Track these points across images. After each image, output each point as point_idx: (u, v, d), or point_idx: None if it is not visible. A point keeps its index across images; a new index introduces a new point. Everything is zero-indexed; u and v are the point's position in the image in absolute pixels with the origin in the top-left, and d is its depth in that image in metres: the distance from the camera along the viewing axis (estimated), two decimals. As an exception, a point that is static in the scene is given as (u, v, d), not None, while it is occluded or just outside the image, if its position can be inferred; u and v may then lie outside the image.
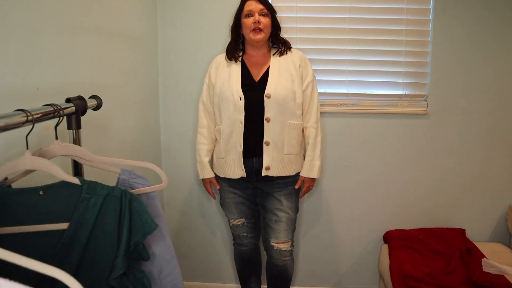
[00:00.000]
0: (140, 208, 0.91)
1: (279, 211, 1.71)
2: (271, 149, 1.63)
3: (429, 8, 2.00)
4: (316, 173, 1.71)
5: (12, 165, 0.82)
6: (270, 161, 1.64)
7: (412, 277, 1.65)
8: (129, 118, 1.77)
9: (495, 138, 2.06)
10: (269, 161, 1.64)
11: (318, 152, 1.70)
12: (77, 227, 0.86)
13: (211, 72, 1.74)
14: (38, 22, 1.08)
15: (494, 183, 2.09)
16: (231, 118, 1.63)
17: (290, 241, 1.76)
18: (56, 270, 0.46)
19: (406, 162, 2.11)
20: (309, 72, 1.70)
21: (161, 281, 1.03)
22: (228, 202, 1.79)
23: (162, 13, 2.07)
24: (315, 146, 1.70)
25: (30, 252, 0.83)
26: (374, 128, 2.09)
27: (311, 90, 1.69)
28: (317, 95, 1.74)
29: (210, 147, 1.76)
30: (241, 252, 1.91)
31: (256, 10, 1.60)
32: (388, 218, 2.16)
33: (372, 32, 2.03)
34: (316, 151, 1.70)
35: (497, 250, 1.96)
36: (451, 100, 2.04)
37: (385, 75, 2.07)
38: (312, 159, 1.70)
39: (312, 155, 1.70)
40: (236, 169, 1.68)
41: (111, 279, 0.87)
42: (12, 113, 0.76)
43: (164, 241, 1.04)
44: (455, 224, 2.11)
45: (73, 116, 1.00)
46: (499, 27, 1.96)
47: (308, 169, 1.71)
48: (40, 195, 0.85)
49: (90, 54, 1.39)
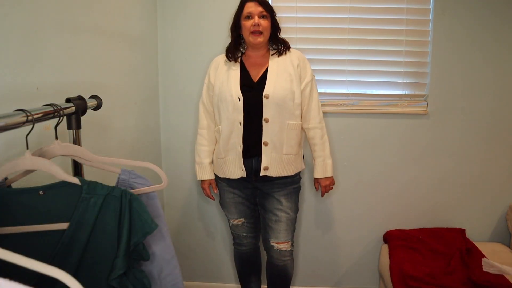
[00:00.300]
0: (140, 208, 0.91)
1: (279, 211, 1.71)
2: (269, 150, 1.63)
3: (429, 8, 2.00)
4: (330, 172, 1.74)
5: (12, 165, 0.82)
6: (269, 162, 1.64)
7: (412, 277, 1.65)
8: (129, 118, 1.77)
9: (495, 138, 2.06)
10: (268, 161, 1.64)
11: (327, 151, 1.73)
12: (77, 227, 0.86)
13: (210, 72, 1.74)
14: (38, 22, 1.08)
15: (494, 183, 2.09)
16: (230, 118, 1.63)
17: (290, 241, 1.75)
18: (56, 270, 0.46)
19: (406, 162, 2.11)
20: (308, 72, 1.70)
21: (161, 281, 1.03)
22: (228, 202, 1.79)
23: (162, 13, 2.07)
24: (323, 146, 1.72)
25: (30, 252, 0.83)
26: (374, 128, 2.09)
27: (310, 90, 1.69)
28: (317, 95, 1.73)
29: (210, 149, 1.76)
30: (241, 252, 1.91)
31: (255, 13, 1.60)
32: (388, 218, 2.16)
33: (372, 32, 2.03)
34: (325, 150, 1.72)
35: (497, 250, 1.96)
36: (451, 100, 2.04)
37: (385, 75, 2.07)
38: (324, 159, 1.72)
39: (323, 155, 1.72)
40: (236, 169, 1.68)
41: (111, 279, 0.87)
42: (12, 113, 0.76)
43: (164, 241, 1.04)
44: (455, 224, 2.11)
45: (73, 116, 1.00)
46: (499, 27, 1.96)
47: (322, 169, 1.73)
48: (40, 195, 0.85)
49: (90, 54, 1.39)
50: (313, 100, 1.70)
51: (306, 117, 1.71)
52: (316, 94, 1.73)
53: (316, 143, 1.72)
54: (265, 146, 1.63)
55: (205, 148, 1.75)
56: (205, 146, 1.75)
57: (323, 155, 1.72)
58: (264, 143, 1.63)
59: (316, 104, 1.71)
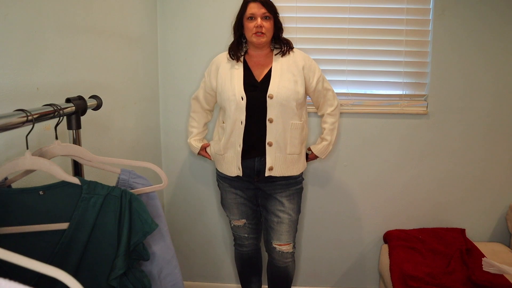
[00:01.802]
0: (140, 208, 0.91)
1: (281, 213, 1.71)
2: (274, 150, 1.64)
3: (429, 8, 2.00)
4: (326, 155, 1.81)
5: (12, 165, 0.82)
6: (273, 161, 1.65)
7: (412, 277, 1.65)
8: (129, 118, 1.77)
9: (495, 138, 2.06)
10: (272, 161, 1.65)
11: (334, 137, 1.78)
12: (77, 227, 0.86)
13: (211, 72, 1.74)
14: (38, 22, 1.08)
15: (494, 183, 2.09)
16: (232, 117, 1.64)
17: (292, 243, 1.76)
18: (56, 270, 0.46)
19: (406, 162, 2.11)
20: (316, 69, 1.71)
21: (161, 281, 1.03)
22: (230, 202, 1.79)
23: (162, 13, 2.07)
24: (332, 132, 1.76)
25: (30, 252, 0.83)
26: (374, 128, 2.09)
27: (322, 84, 1.73)
28: (330, 86, 1.77)
29: (200, 130, 1.87)
30: (242, 253, 1.91)
31: (258, 14, 1.60)
32: (388, 218, 2.16)
33: (372, 32, 2.03)
34: (333, 136, 1.77)
35: (497, 250, 1.96)
36: (451, 100, 2.04)
37: (385, 75, 2.07)
38: (329, 143, 1.77)
39: (329, 140, 1.77)
40: (233, 167, 1.68)
41: (111, 278, 0.87)
42: (12, 113, 0.76)
43: (164, 241, 1.04)
44: (455, 224, 2.11)
45: (73, 116, 1.00)
46: (500, 26, 1.96)
47: (322, 151, 1.78)
48: (40, 195, 0.85)
49: (90, 54, 1.39)
50: (329, 91, 1.75)
51: (323, 105, 1.77)
52: (329, 85, 1.77)
53: (326, 128, 1.77)
54: (269, 146, 1.63)
55: (194, 129, 1.87)
56: (195, 127, 1.86)
57: (330, 140, 1.76)
58: (269, 143, 1.63)
59: (331, 93, 1.76)
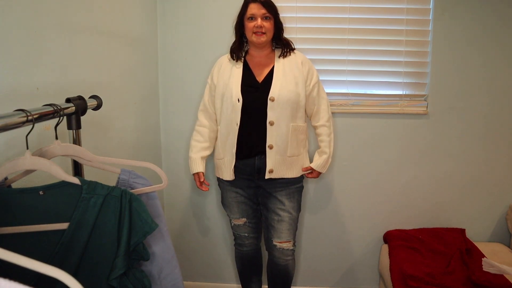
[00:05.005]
0: (140, 208, 0.91)
1: (282, 211, 1.71)
2: (274, 153, 1.64)
3: (429, 8, 2.00)
4: (326, 169, 1.78)
5: (12, 165, 0.82)
6: (273, 164, 1.65)
7: (412, 277, 1.65)
8: (129, 118, 1.77)
9: (495, 138, 2.06)
10: (272, 164, 1.65)
11: (332, 149, 1.76)
12: (77, 227, 0.86)
13: (213, 73, 1.74)
14: (38, 22, 1.08)
15: (494, 183, 2.09)
16: (228, 119, 1.64)
17: (292, 241, 1.76)
18: (56, 270, 0.46)
19: (406, 162, 2.11)
20: (314, 73, 1.72)
21: (161, 281, 1.03)
22: (230, 201, 1.79)
23: (162, 13, 2.07)
24: (330, 144, 1.75)
25: (30, 252, 0.83)
26: (374, 128, 2.09)
27: (317, 91, 1.72)
28: (325, 95, 1.76)
29: (204, 145, 1.74)
30: (242, 252, 1.91)
31: (258, 14, 1.60)
32: (388, 218, 2.16)
33: (372, 32, 2.03)
34: (331, 148, 1.75)
35: (497, 250, 1.96)
36: (451, 100, 2.04)
37: (385, 75, 2.07)
38: (328, 156, 1.75)
39: (328, 152, 1.75)
40: (228, 170, 1.69)
41: (111, 279, 0.87)
42: (12, 113, 0.76)
43: (164, 241, 1.04)
44: (455, 224, 2.11)
45: (73, 116, 1.00)
46: (499, 27, 1.96)
47: (322, 165, 1.75)
48: (40, 195, 0.85)
49: (90, 54, 1.39)
50: (323, 100, 1.74)
51: (315, 116, 1.75)
52: (324, 93, 1.76)
53: (323, 140, 1.75)
54: (270, 149, 1.63)
55: (198, 144, 1.74)
56: (199, 142, 1.74)
57: (328, 152, 1.75)
58: (269, 146, 1.63)
59: (325, 103, 1.74)
